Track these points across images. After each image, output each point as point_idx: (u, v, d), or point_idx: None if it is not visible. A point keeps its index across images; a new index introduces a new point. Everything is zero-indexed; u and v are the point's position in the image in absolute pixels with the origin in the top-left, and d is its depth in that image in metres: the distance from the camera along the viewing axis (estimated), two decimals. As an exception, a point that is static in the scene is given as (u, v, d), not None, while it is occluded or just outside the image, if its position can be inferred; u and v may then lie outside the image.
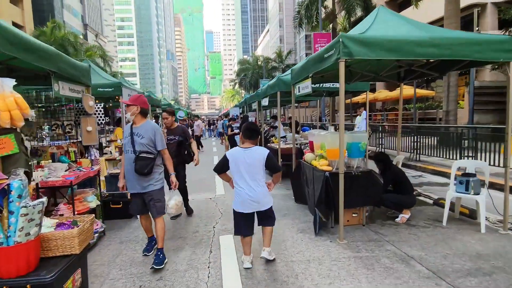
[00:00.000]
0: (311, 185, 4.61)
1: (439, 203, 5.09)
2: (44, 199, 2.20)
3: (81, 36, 52.73)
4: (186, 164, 5.03)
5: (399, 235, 3.92)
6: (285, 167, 7.66)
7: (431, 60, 4.88)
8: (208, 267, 3.30)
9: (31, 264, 2.12)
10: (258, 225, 3.27)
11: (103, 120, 7.66)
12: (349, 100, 23.50)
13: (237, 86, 57.03)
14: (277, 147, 7.77)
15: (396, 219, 4.42)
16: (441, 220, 4.26)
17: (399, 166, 5.40)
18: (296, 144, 9.18)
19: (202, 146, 14.95)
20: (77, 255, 2.40)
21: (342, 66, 3.60)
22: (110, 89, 6.39)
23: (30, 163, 3.06)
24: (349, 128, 12.67)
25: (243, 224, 3.17)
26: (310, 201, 4.69)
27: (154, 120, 11.86)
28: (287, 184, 6.28)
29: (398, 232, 4.02)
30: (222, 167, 3.17)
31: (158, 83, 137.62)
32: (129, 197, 4.21)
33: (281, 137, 9.92)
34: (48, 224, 2.46)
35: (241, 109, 15.12)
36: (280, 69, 41.76)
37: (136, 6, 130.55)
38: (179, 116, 17.48)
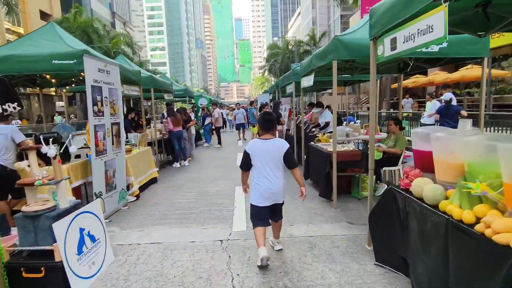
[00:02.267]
0: (437, 254, 2.01)
1: None
2: None
3: (109, 24, 52.50)
4: None
5: None
6: (344, 181, 5.08)
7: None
8: None
9: None
10: (274, 219, 3.29)
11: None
12: (396, 84, 20.11)
13: (266, 73, 54.52)
14: (328, 149, 5.15)
15: None
16: None
17: None
18: (350, 142, 6.48)
19: (220, 143, 12.49)
20: None
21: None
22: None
23: None
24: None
25: (264, 216, 3.14)
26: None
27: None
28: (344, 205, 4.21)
29: None
30: (247, 163, 3.12)
31: (187, 71, 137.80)
32: (57, 260, 2.54)
33: (327, 132, 7.23)
34: None
35: (271, 94, 12.52)
36: (313, 52, 38.35)
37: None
38: (200, 104, 15.15)
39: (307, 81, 6.01)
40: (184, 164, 8.97)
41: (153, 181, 6.79)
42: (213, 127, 12.61)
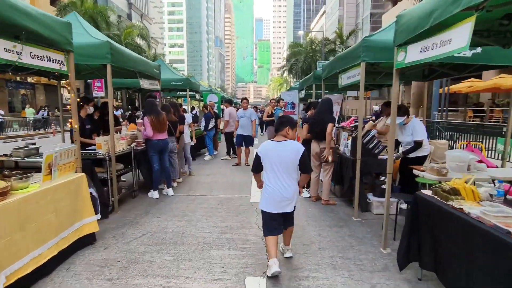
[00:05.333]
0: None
1: None
2: None
3: (125, 15, 50.41)
4: None
5: None
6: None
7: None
8: None
9: None
10: (285, 227, 3.11)
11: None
12: (442, 88, 16.34)
13: (285, 73, 51.38)
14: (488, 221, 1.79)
15: None
16: None
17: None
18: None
19: (230, 154, 9.21)
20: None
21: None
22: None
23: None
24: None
25: (276, 224, 2.99)
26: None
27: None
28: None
29: None
30: (258, 166, 3.01)
31: (205, 70, 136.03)
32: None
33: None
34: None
35: (302, 91, 9.08)
36: (339, 51, 34.98)
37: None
38: (209, 101, 11.85)
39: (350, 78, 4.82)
40: (166, 193, 5.68)
41: (84, 242, 3.52)
42: (221, 132, 9.27)
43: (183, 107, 9.49)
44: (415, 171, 3.84)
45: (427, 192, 2.72)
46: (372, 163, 4.62)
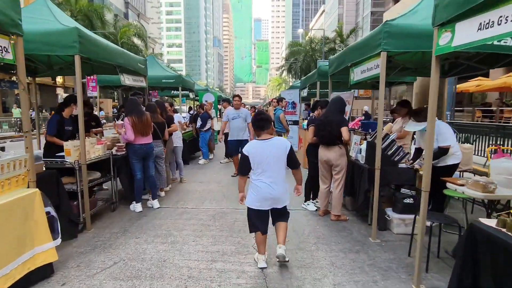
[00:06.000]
0: None
1: None
2: None
3: (121, 14, 49.56)
4: None
5: None
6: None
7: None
8: None
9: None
10: (273, 223, 3.05)
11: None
12: (454, 87, 15.61)
13: (284, 73, 50.78)
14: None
15: None
16: None
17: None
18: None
19: (229, 157, 8.52)
20: None
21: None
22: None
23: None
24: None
25: (260, 222, 2.96)
26: None
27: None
28: None
29: None
30: (246, 167, 2.89)
31: (203, 70, 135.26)
32: None
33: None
34: None
35: (304, 90, 8.34)
36: (339, 51, 34.31)
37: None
38: (205, 100, 11.12)
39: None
40: (151, 204, 4.94)
41: (38, 275, 2.79)
42: (217, 132, 8.51)
43: (175, 106, 8.75)
44: (450, 185, 3.12)
45: (488, 222, 2.00)
46: (391, 172, 3.90)
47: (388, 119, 8.63)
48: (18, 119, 20.96)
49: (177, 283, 2.78)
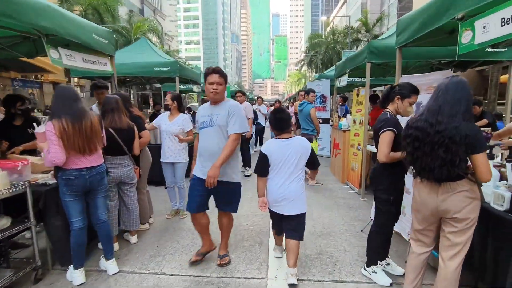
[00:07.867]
0: None
1: None
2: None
3: (137, 10, 48.52)
4: None
5: None
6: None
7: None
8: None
9: None
10: (286, 237, 2.69)
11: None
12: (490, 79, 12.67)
13: (304, 68, 48.25)
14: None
15: None
16: None
17: None
18: None
19: (247, 166, 6.56)
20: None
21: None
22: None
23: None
24: None
25: (275, 222, 2.81)
26: None
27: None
28: None
29: None
30: (265, 167, 2.59)
31: (222, 66, 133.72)
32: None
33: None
34: None
35: (343, 77, 6.05)
36: (364, 42, 31.48)
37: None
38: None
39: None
40: (105, 267, 2.92)
41: None
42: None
43: (188, 104, 6.66)
44: None
45: None
46: None
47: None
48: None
49: None
